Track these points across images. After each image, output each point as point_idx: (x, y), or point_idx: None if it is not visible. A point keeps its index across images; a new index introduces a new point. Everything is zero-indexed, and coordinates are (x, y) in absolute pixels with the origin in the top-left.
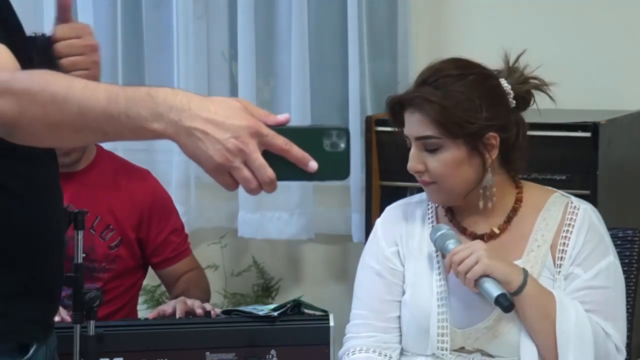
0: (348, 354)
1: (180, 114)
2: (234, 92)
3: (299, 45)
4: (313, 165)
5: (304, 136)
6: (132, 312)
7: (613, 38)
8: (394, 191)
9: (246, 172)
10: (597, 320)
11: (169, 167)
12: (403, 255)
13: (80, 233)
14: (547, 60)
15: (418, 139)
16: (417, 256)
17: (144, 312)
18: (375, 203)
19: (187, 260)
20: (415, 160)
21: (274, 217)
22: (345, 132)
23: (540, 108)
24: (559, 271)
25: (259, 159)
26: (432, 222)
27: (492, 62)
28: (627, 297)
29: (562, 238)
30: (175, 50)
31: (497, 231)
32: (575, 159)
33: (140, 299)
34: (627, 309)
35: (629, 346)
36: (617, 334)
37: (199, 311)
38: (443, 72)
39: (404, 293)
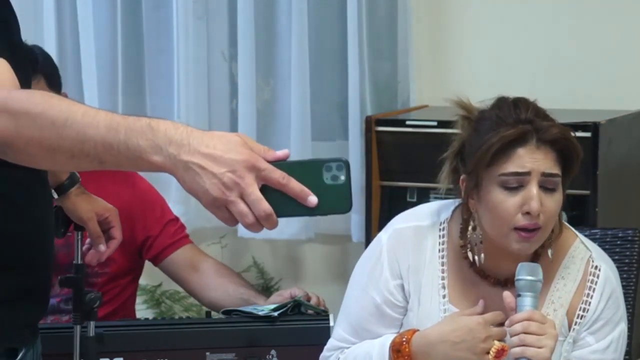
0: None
1: (180, 149)
2: (234, 92)
3: (299, 46)
4: (312, 199)
5: (304, 170)
6: (129, 311)
7: (613, 38)
8: (394, 191)
9: (242, 206)
10: None
11: None
12: (408, 291)
13: (80, 233)
14: (547, 60)
15: (545, 175)
16: (424, 298)
17: (144, 312)
18: (375, 203)
19: (191, 247)
20: (539, 201)
21: None
22: (345, 164)
23: None
24: (572, 335)
25: (254, 193)
26: (444, 257)
27: (492, 62)
28: (627, 297)
29: (582, 302)
30: (175, 50)
31: None
32: None
33: (140, 299)
34: (628, 309)
35: (629, 346)
36: None
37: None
38: (540, 108)
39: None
